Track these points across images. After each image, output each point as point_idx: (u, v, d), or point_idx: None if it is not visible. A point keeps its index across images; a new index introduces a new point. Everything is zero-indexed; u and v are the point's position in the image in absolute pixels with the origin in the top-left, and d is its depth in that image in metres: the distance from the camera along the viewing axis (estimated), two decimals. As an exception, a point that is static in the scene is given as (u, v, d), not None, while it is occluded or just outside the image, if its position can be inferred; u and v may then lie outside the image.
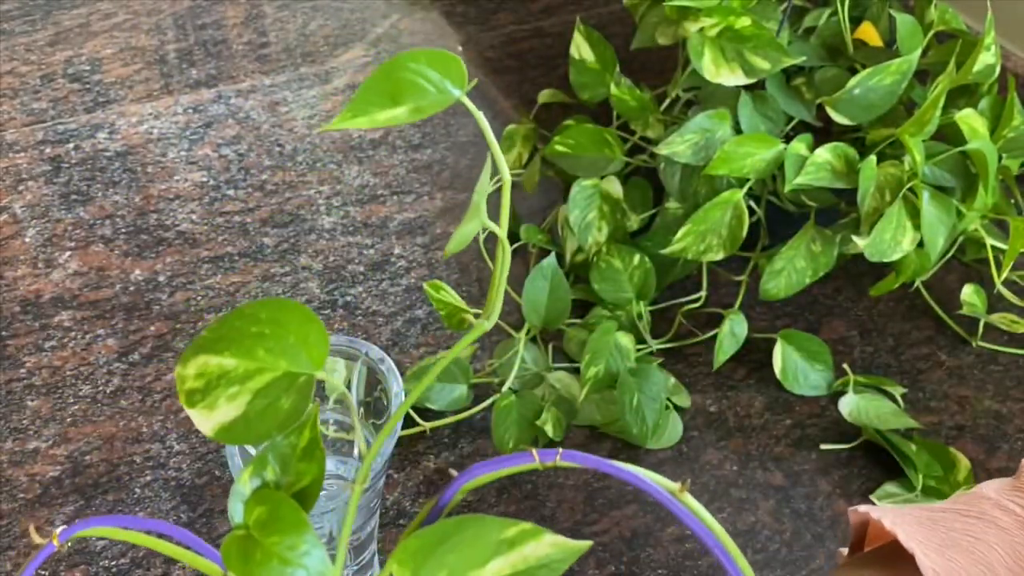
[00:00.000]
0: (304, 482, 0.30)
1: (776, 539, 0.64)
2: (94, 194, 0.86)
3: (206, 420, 0.29)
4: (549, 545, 0.26)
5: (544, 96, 0.92)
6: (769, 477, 0.67)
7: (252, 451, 0.49)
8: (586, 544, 0.27)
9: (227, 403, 0.29)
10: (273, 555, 0.26)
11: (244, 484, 0.28)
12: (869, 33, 0.81)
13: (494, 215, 0.38)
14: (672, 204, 0.77)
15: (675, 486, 0.27)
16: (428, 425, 0.67)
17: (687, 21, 0.72)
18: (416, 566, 0.27)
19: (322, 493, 0.49)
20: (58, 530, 0.28)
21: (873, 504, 0.65)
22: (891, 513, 0.41)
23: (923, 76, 0.81)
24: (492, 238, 0.83)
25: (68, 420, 0.68)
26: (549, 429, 0.66)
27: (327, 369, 0.51)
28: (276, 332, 0.29)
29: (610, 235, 0.75)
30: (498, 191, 0.88)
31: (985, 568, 0.39)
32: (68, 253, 0.80)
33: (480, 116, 0.31)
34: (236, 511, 0.28)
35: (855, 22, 0.82)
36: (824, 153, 0.70)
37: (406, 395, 0.66)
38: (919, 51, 0.73)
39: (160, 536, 0.29)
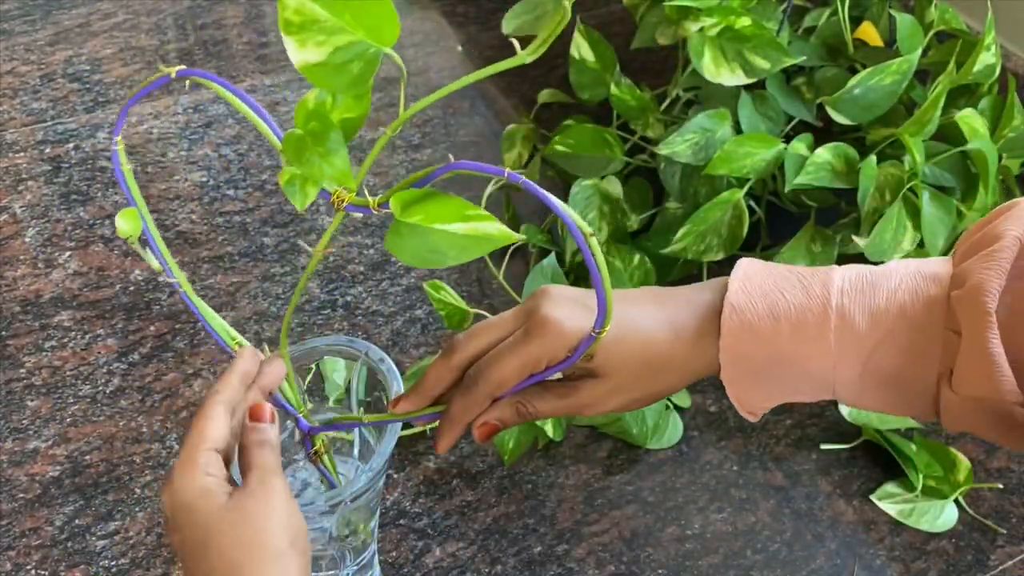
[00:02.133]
0: (351, 114, 0.39)
1: (776, 539, 0.64)
2: (94, 194, 0.86)
3: (296, 53, 0.34)
4: (495, 227, 0.37)
5: (544, 96, 0.92)
6: (769, 477, 0.67)
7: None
8: (520, 237, 0.37)
9: (314, 47, 0.34)
10: (315, 152, 0.36)
11: (309, 100, 0.37)
12: (869, 33, 0.81)
13: (496, 212, 0.38)
14: (672, 204, 0.77)
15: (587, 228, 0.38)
16: (428, 425, 0.67)
17: (687, 21, 0.72)
18: (405, 205, 0.38)
19: (320, 495, 0.49)
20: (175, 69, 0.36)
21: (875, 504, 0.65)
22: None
23: (923, 76, 0.81)
24: (492, 238, 0.83)
25: (68, 420, 0.68)
26: (549, 429, 0.66)
27: (327, 368, 0.51)
28: (360, 6, 0.34)
29: (610, 235, 0.75)
30: (500, 190, 0.88)
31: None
32: (68, 253, 0.80)
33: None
34: (297, 118, 0.37)
35: (855, 22, 0.82)
36: (824, 153, 0.70)
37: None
38: (919, 51, 0.73)
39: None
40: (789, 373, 0.44)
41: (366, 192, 0.39)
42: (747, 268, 0.46)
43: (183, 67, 0.36)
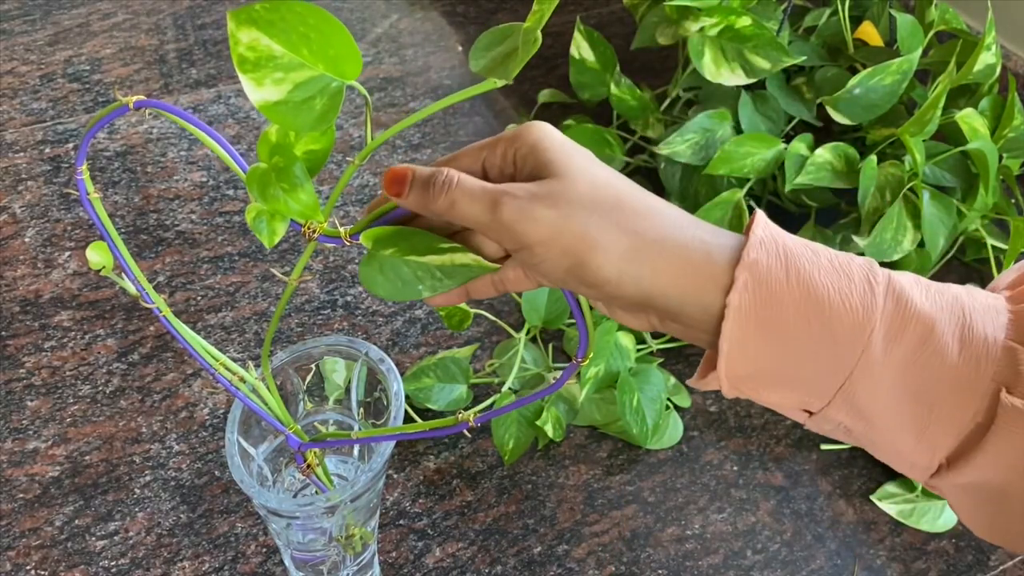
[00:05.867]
0: (316, 146, 0.38)
1: (776, 539, 0.64)
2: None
3: (254, 92, 0.33)
4: (469, 257, 0.37)
5: (544, 96, 0.92)
6: (769, 477, 0.67)
7: (251, 451, 0.49)
8: (495, 267, 0.36)
9: (273, 85, 0.33)
10: (279, 187, 0.35)
11: (271, 133, 0.36)
12: (869, 33, 0.81)
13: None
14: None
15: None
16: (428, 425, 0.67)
17: (687, 21, 0.72)
18: (377, 240, 0.38)
19: (319, 496, 0.49)
20: (134, 98, 0.35)
21: (875, 504, 0.65)
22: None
23: (923, 76, 0.81)
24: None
25: (68, 420, 0.68)
26: (549, 429, 0.66)
27: (327, 368, 0.51)
28: (319, 39, 0.33)
29: (610, 235, 0.75)
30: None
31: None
32: (68, 253, 0.80)
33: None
34: (262, 152, 0.36)
35: (855, 22, 0.82)
36: (824, 153, 0.70)
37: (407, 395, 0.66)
38: (919, 51, 0.73)
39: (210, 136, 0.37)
40: (809, 328, 0.35)
41: (336, 222, 0.39)
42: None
43: (141, 97, 0.35)
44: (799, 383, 0.36)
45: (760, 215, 0.38)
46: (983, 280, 0.78)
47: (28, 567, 0.60)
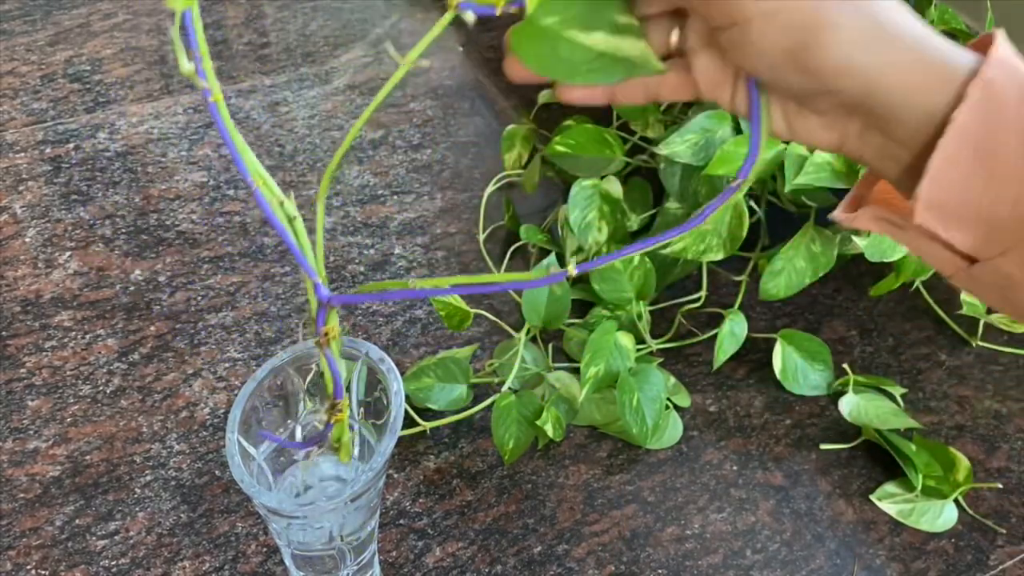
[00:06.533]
0: None
1: (776, 539, 0.64)
2: (94, 194, 0.86)
3: None
4: (639, 49, 0.31)
5: (544, 96, 0.92)
6: (769, 477, 0.67)
7: (251, 450, 0.49)
8: (663, 68, 0.32)
9: None
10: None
11: None
12: (869, 33, 0.81)
13: (496, 212, 0.38)
14: (672, 204, 0.77)
15: None
16: (428, 425, 0.67)
17: (687, 21, 0.72)
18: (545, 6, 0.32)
19: (322, 495, 0.49)
20: None
21: (874, 504, 0.65)
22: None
23: (923, 76, 0.81)
24: (492, 238, 0.83)
25: (68, 420, 0.68)
26: (549, 429, 0.66)
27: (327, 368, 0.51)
28: None
29: (610, 235, 0.75)
30: (500, 190, 0.88)
31: None
32: (68, 253, 0.80)
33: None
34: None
35: (855, 22, 0.82)
36: (824, 153, 0.70)
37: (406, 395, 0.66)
38: (919, 51, 0.73)
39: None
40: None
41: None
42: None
43: None
44: (990, 223, 0.32)
45: (1001, 34, 0.33)
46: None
47: (28, 567, 0.60)
